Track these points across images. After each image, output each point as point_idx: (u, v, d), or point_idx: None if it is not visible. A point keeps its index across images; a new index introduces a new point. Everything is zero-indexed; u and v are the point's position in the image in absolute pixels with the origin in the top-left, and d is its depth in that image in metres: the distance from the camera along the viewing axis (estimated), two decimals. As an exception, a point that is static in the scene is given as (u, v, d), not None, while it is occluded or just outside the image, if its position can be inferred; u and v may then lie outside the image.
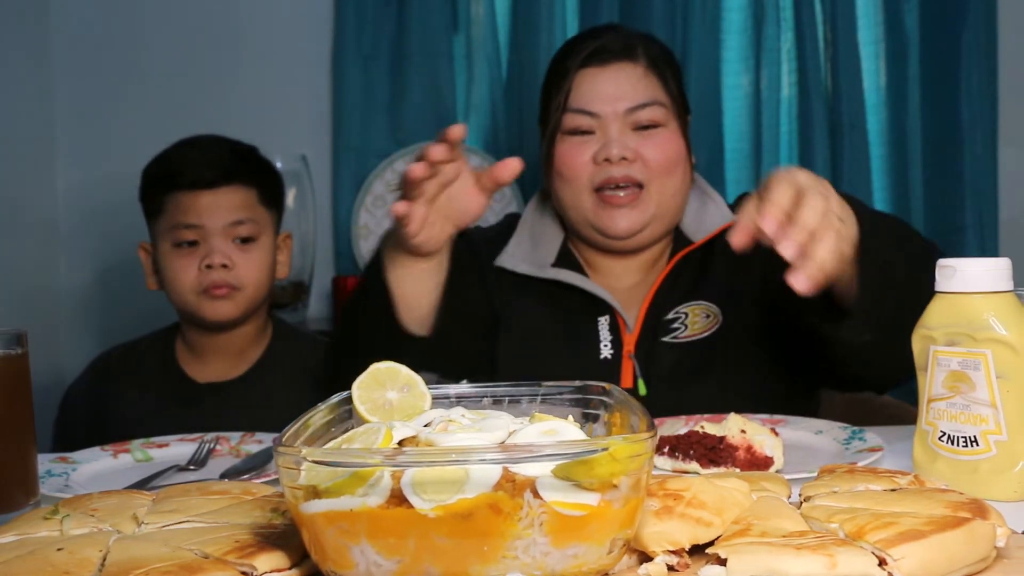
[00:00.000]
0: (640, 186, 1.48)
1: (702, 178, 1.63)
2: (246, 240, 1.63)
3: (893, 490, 0.81)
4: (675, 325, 1.51)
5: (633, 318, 1.53)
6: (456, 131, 1.21)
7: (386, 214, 2.67)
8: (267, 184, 1.69)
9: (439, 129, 2.74)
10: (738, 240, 1.04)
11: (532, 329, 1.54)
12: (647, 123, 1.49)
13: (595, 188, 1.49)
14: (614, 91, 1.49)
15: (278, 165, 2.46)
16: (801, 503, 0.80)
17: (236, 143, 1.70)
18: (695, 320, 1.51)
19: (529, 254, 1.58)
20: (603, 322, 1.52)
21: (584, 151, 1.50)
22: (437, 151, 1.20)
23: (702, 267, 1.54)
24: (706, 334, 1.50)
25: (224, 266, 1.60)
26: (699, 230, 1.55)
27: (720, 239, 1.54)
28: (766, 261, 1.50)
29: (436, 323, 1.38)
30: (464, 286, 1.52)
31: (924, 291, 1.20)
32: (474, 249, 1.60)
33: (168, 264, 1.62)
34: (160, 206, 1.62)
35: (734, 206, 1.59)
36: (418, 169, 1.21)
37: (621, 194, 1.48)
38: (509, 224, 1.66)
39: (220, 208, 1.61)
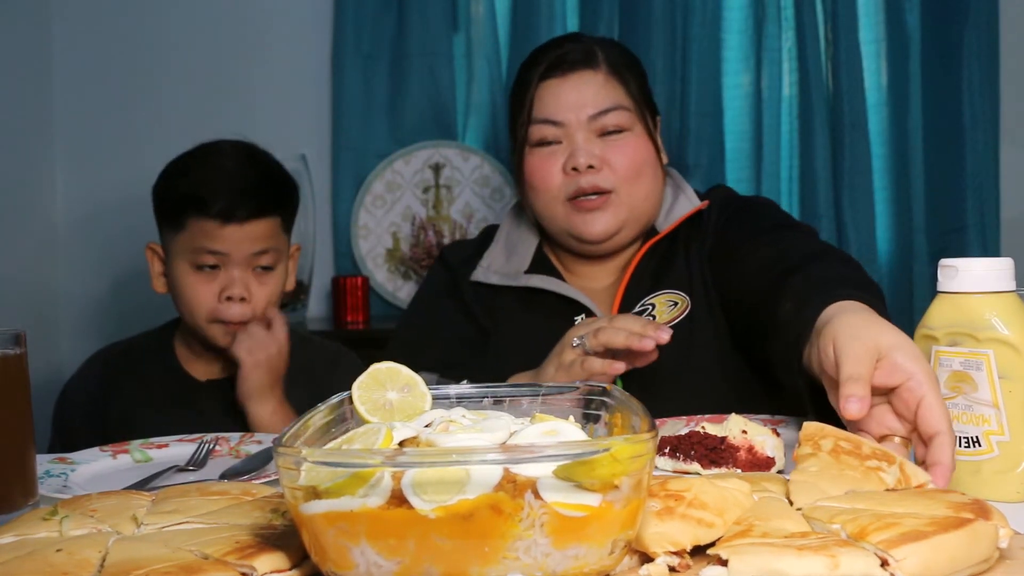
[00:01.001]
0: (610, 192, 1.50)
1: (676, 172, 1.65)
2: (265, 268, 1.63)
3: (893, 489, 0.81)
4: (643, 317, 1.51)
5: (607, 315, 1.54)
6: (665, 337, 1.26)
7: (386, 213, 2.67)
8: (290, 210, 1.68)
9: (438, 129, 2.74)
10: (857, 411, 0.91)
11: (512, 334, 1.57)
12: (612, 128, 1.51)
13: (567, 199, 1.52)
14: (576, 99, 1.51)
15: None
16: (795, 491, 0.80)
17: (262, 162, 1.66)
18: (662, 310, 1.52)
19: (503, 265, 1.62)
20: (578, 321, 1.53)
21: (553, 162, 1.52)
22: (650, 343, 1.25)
23: (667, 256, 1.56)
24: (675, 322, 1.50)
25: (242, 299, 1.59)
26: (667, 222, 1.57)
27: (683, 227, 1.55)
28: (714, 254, 1.51)
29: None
30: (448, 311, 1.61)
31: None
32: (451, 270, 1.66)
33: (185, 285, 1.61)
34: (182, 224, 1.59)
35: (704, 195, 1.61)
36: (648, 343, 1.25)
37: (593, 198, 1.51)
38: (485, 237, 1.70)
39: (246, 240, 1.59)
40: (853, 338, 0.95)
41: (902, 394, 0.91)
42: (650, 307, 1.52)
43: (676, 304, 1.52)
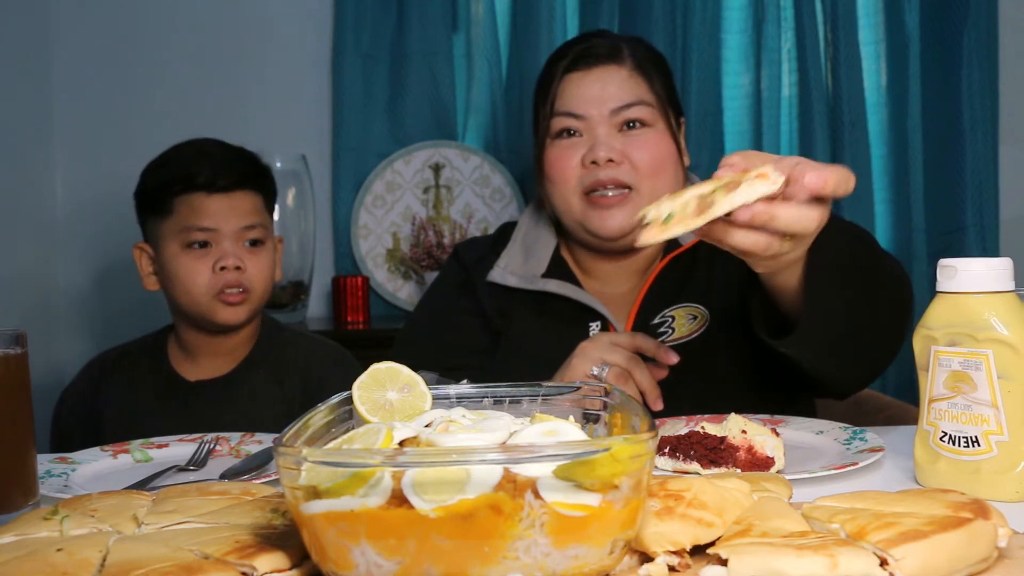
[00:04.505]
0: (629, 188, 1.49)
1: (698, 178, 1.63)
2: (254, 243, 1.65)
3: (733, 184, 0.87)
4: (662, 329, 1.51)
5: (623, 324, 1.53)
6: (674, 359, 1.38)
7: (386, 213, 2.67)
8: (270, 190, 1.73)
9: (438, 129, 2.73)
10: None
11: (526, 338, 1.56)
12: (633, 123, 1.50)
13: (584, 191, 1.50)
14: (599, 93, 1.50)
15: (277, 165, 2.48)
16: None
17: (239, 148, 1.71)
18: (682, 323, 1.51)
19: (520, 266, 1.60)
20: (594, 329, 1.53)
21: (572, 155, 1.51)
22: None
23: (689, 269, 1.54)
24: (694, 336, 1.50)
25: (237, 268, 1.62)
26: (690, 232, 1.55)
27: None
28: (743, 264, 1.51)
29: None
30: (459, 312, 1.60)
31: (881, 313, 1.19)
32: (466, 269, 1.65)
33: (178, 265, 1.63)
34: (170, 207, 1.63)
35: None
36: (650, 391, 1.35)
37: (610, 195, 1.49)
38: (502, 235, 1.68)
39: (234, 213, 1.63)
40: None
41: (793, 176, 0.94)
42: (670, 319, 1.51)
43: (696, 318, 1.51)
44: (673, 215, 0.92)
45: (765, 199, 0.92)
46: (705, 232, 0.96)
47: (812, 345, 1.18)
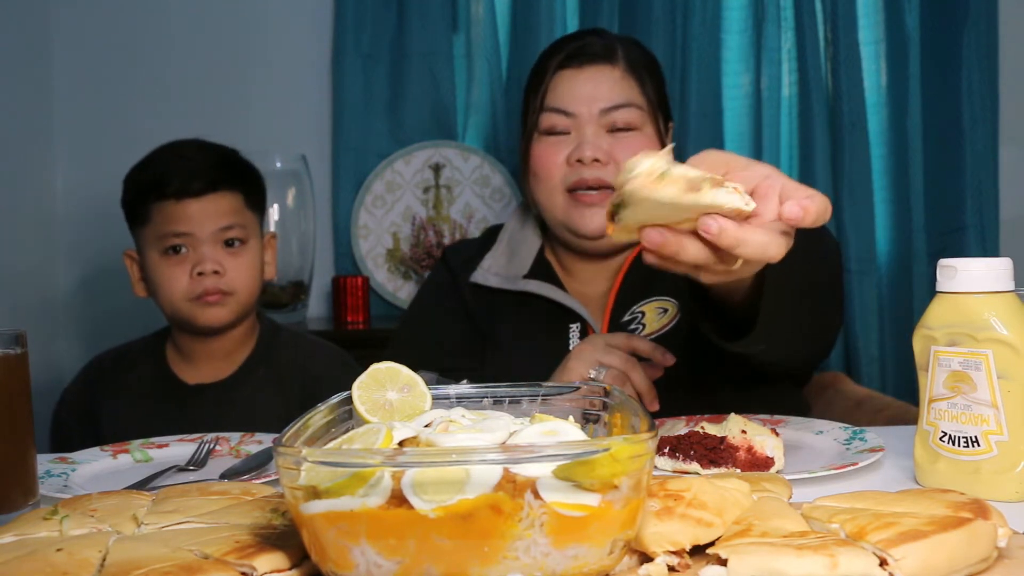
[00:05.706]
0: (612, 188, 1.49)
1: None
2: (234, 244, 1.64)
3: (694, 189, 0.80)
4: (632, 326, 1.51)
5: (599, 323, 1.54)
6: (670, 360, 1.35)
7: (386, 213, 2.67)
8: (252, 188, 1.71)
9: (438, 129, 2.73)
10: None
11: (509, 340, 1.57)
12: (622, 125, 1.51)
13: (567, 189, 1.51)
14: (590, 92, 1.50)
15: (277, 165, 2.48)
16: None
17: (219, 147, 1.70)
18: (652, 318, 1.51)
19: (504, 267, 1.61)
20: (574, 330, 1.54)
21: (558, 151, 1.51)
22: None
23: None
24: (665, 330, 1.50)
25: (215, 272, 1.61)
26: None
27: None
28: None
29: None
30: (445, 313, 1.61)
31: (828, 294, 1.21)
32: (452, 271, 1.65)
33: (158, 272, 1.62)
34: (146, 215, 1.62)
35: None
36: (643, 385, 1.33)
37: (593, 193, 1.50)
38: (487, 237, 1.70)
39: (208, 215, 1.61)
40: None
41: (762, 191, 0.86)
42: (639, 315, 1.51)
43: (666, 311, 1.51)
44: (669, 173, 0.82)
45: (735, 218, 0.84)
46: (659, 246, 0.88)
47: (768, 343, 1.14)
